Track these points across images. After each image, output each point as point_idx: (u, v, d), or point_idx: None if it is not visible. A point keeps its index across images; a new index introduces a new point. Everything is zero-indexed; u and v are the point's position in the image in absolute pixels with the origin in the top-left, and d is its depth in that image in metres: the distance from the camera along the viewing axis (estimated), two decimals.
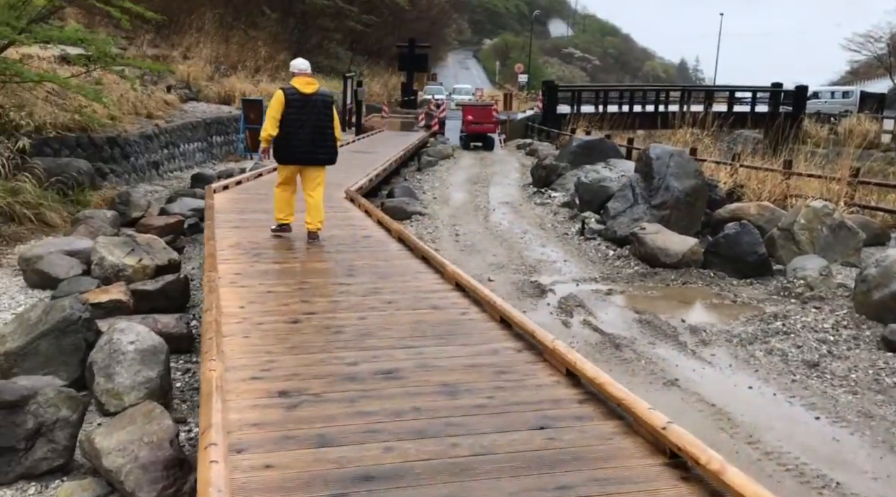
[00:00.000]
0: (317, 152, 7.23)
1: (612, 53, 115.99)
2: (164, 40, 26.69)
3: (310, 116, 7.04)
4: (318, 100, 7.12)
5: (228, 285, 5.56)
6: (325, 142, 7.22)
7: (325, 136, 7.21)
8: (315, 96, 7.10)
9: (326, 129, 7.20)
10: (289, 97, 6.99)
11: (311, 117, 7.05)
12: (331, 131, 7.26)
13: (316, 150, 7.21)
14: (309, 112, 7.04)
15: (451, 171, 18.27)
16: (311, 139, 7.11)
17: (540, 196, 14.08)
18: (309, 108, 7.04)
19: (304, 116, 7.01)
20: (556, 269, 9.03)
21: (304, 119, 7.01)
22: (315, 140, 7.13)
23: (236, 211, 8.97)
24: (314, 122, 7.08)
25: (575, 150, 16.25)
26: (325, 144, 7.24)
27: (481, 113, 24.99)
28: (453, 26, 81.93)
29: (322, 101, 7.17)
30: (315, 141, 7.14)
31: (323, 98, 7.20)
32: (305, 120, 7.02)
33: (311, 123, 7.07)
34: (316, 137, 7.12)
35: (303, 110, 7.01)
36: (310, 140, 7.11)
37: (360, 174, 13.00)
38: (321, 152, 7.26)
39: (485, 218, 12.23)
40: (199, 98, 22.19)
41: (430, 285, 5.78)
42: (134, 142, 14.47)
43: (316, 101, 7.10)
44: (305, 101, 7.03)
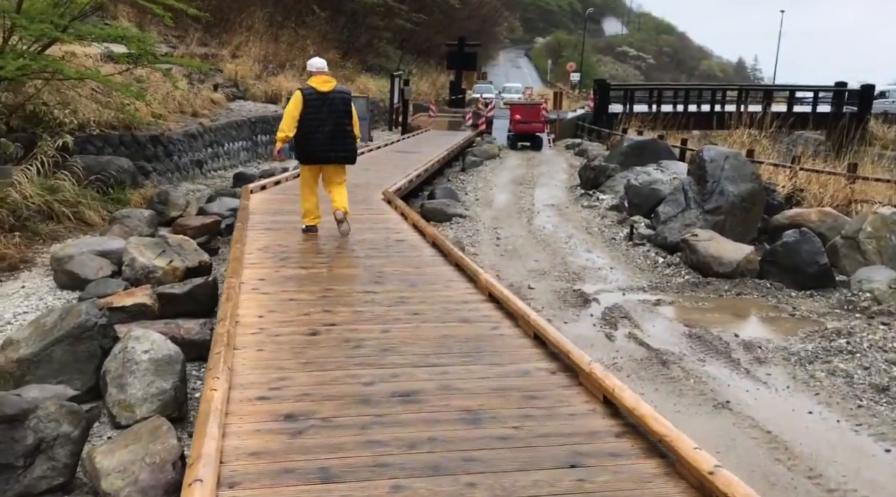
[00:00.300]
0: (336, 151, 7.15)
1: (668, 52, 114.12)
2: (214, 39, 26.86)
3: (329, 115, 6.98)
4: (336, 97, 7.04)
5: (250, 292, 5.30)
6: (343, 140, 7.13)
7: (345, 134, 7.11)
8: (333, 94, 7.03)
9: (345, 127, 7.10)
10: (307, 96, 6.94)
11: (329, 116, 6.99)
12: (350, 129, 7.16)
13: (335, 149, 7.13)
14: (328, 110, 6.97)
15: (496, 171, 17.88)
16: (330, 138, 7.04)
17: (587, 198, 13.60)
18: (327, 106, 6.97)
19: (323, 115, 6.95)
20: (601, 276, 8.59)
21: (323, 118, 6.96)
22: (334, 138, 7.06)
23: (270, 212, 8.75)
24: (333, 121, 7.01)
25: (625, 150, 15.70)
26: (343, 142, 7.14)
27: (529, 112, 24.51)
28: (505, 24, 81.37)
29: (341, 99, 7.08)
30: (334, 139, 7.06)
31: (341, 96, 7.11)
32: (324, 118, 6.96)
33: (330, 122, 7.01)
34: (335, 136, 7.05)
35: (321, 109, 6.94)
36: (329, 139, 7.04)
37: (400, 175, 12.71)
38: (340, 150, 7.17)
39: (528, 221, 11.82)
40: (247, 97, 22.23)
41: (461, 295, 5.43)
42: (177, 140, 14.45)
43: (334, 99, 7.02)
44: (323, 99, 6.96)
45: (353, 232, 7.61)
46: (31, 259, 8.45)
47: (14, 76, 9.63)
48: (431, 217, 11.37)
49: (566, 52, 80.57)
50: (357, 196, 10.27)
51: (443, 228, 10.79)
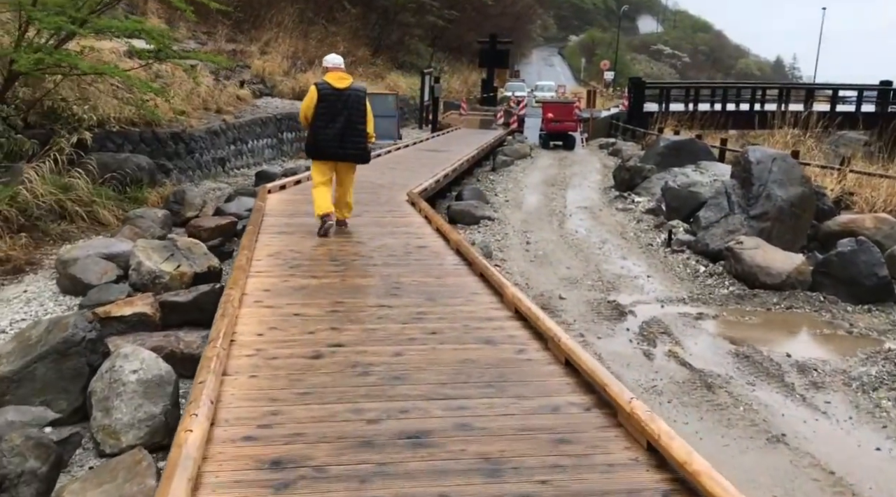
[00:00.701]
0: (346, 148, 7.05)
1: (704, 50, 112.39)
2: (243, 35, 26.63)
3: (342, 111, 6.88)
4: (350, 94, 6.93)
5: (252, 305, 4.83)
6: (355, 138, 7.03)
7: (356, 132, 7.02)
8: (348, 91, 6.93)
9: (358, 125, 7.01)
10: (321, 92, 6.86)
11: (343, 112, 6.90)
12: (362, 127, 7.06)
13: (346, 146, 7.03)
14: (341, 107, 6.87)
15: (527, 171, 17.30)
16: (342, 135, 6.95)
17: (622, 201, 12.97)
18: (341, 103, 6.88)
19: (336, 111, 6.86)
20: (637, 286, 8.00)
21: (336, 114, 6.87)
22: (345, 136, 6.96)
23: (286, 214, 8.29)
24: (346, 118, 6.92)
25: (662, 150, 15.04)
26: (355, 140, 7.05)
27: (562, 110, 23.86)
28: (538, 22, 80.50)
29: (356, 97, 6.98)
30: (345, 137, 6.97)
31: (356, 93, 7.00)
32: (337, 115, 6.87)
33: (343, 119, 6.91)
34: (347, 133, 6.96)
35: (335, 105, 6.86)
36: (340, 136, 6.94)
37: (427, 175, 12.20)
38: (350, 148, 7.06)
39: (560, 224, 11.24)
40: (274, 93, 21.91)
41: (484, 311, 4.90)
42: (199, 137, 14.11)
43: (349, 95, 6.92)
44: (338, 95, 6.87)
45: (371, 237, 7.16)
46: (38, 261, 8.10)
47: (28, 71, 9.30)
48: (458, 219, 10.87)
49: (600, 51, 79.57)
50: (380, 197, 9.81)
51: (470, 232, 10.28)
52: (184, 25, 24.79)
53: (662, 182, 13.17)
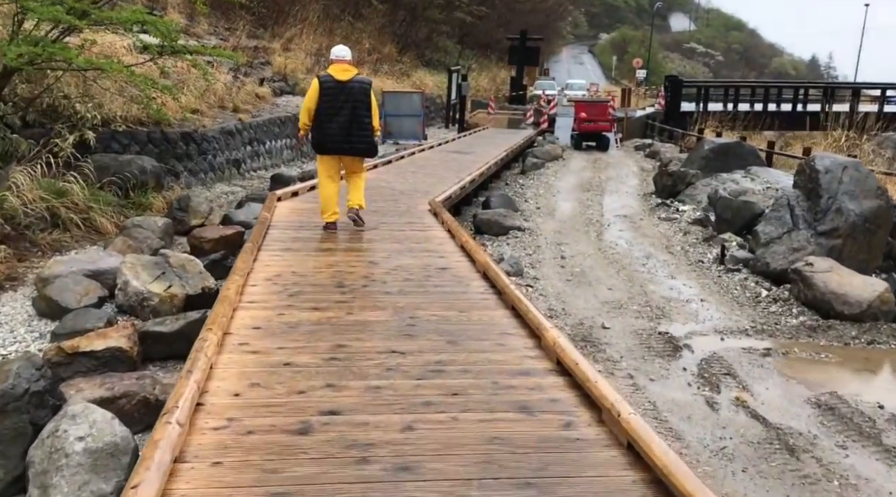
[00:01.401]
0: (351, 141, 6.86)
1: (737, 49, 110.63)
2: (265, 31, 25.93)
3: (345, 104, 6.70)
4: (354, 87, 6.73)
5: (235, 349, 3.95)
6: (360, 131, 6.84)
7: (361, 125, 6.83)
8: (351, 83, 6.72)
9: (363, 118, 6.82)
10: (323, 85, 6.72)
11: (346, 105, 6.71)
12: (367, 120, 6.88)
13: (350, 139, 6.85)
14: (344, 100, 6.69)
15: (559, 174, 16.30)
16: (346, 128, 6.78)
17: (665, 209, 11.93)
18: (344, 95, 6.69)
19: (339, 104, 6.69)
20: (691, 312, 7.01)
21: (339, 107, 6.69)
22: (350, 129, 6.80)
23: (295, 226, 7.42)
24: (349, 111, 6.74)
25: (706, 154, 13.96)
26: (360, 133, 6.85)
27: (596, 110, 22.79)
28: (569, 19, 79.26)
29: (359, 89, 6.76)
30: (350, 130, 6.81)
31: (360, 85, 6.79)
32: (340, 108, 6.70)
33: (347, 112, 6.73)
34: (351, 126, 6.79)
35: (338, 98, 6.68)
36: (344, 129, 6.78)
37: (452, 179, 11.29)
38: (356, 141, 6.87)
39: (597, 236, 10.26)
40: (295, 92, 21.10)
41: (518, 360, 3.96)
42: (212, 138, 13.32)
43: (352, 88, 6.71)
44: (341, 88, 6.68)
45: (387, 255, 6.27)
46: (20, 276, 7.31)
47: (17, 65, 8.53)
48: (486, 229, 9.94)
49: (631, 48, 78.25)
50: (400, 205, 8.92)
51: (498, 244, 9.34)
52: (205, 20, 24.15)
53: (709, 189, 12.14)
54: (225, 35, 23.19)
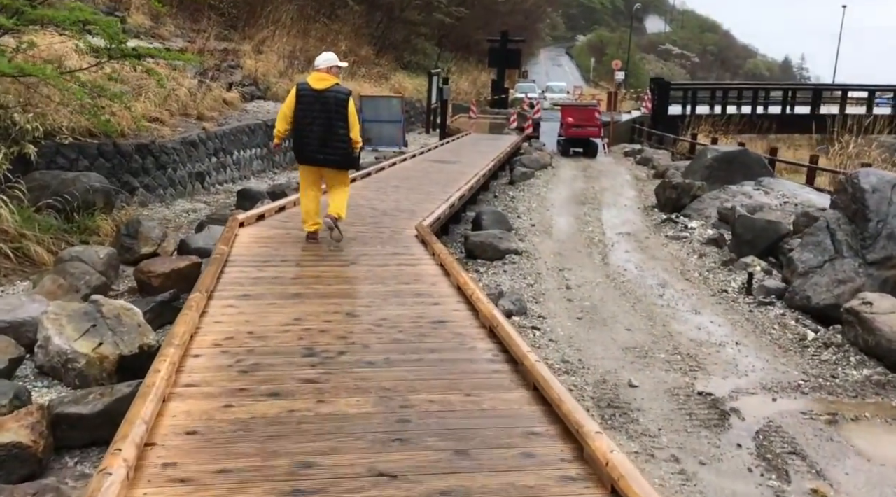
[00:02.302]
0: (326, 153, 6.66)
1: (712, 50, 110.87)
2: (237, 32, 24.66)
3: (320, 114, 6.53)
4: (329, 97, 6.51)
5: (156, 478, 2.79)
6: (334, 142, 6.61)
7: (336, 137, 6.60)
8: (328, 93, 6.51)
9: (338, 130, 6.58)
10: (300, 92, 6.57)
11: (321, 115, 6.54)
12: (343, 131, 6.61)
13: (325, 151, 6.65)
14: (319, 109, 6.52)
15: (550, 184, 15.23)
16: (321, 139, 6.60)
17: (672, 226, 10.89)
18: (319, 105, 6.51)
19: (315, 113, 6.53)
20: (727, 360, 5.94)
21: (315, 116, 6.54)
22: (325, 140, 6.60)
23: (258, 261, 6.25)
24: (324, 121, 6.55)
25: (710, 163, 12.98)
26: (334, 145, 6.62)
27: (583, 114, 21.77)
28: (547, 21, 78.45)
29: (334, 99, 6.52)
30: (325, 141, 6.60)
31: (335, 95, 6.54)
32: (315, 117, 6.54)
33: (321, 121, 6.55)
34: (326, 137, 6.59)
35: (312, 107, 6.53)
36: (319, 139, 6.60)
37: (438, 195, 10.18)
38: (330, 153, 6.66)
39: (602, 259, 9.19)
40: (267, 96, 19.90)
41: (560, 485, 2.84)
42: (172, 149, 12.08)
43: (327, 98, 6.51)
44: (316, 97, 6.51)
45: (370, 301, 5.14)
46: None
47: None
48: (479, 253, 8.84)
49: (609, 50, 77.85)
50: (382, 230, 7.79)
51: (494, 271, 8.24)
52: (171, 21, 22.86)
53: (717, 203, 11.14)
54: (192, 37, 21.89)
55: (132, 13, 20.86)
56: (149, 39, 20.38)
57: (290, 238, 7.18)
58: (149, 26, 21.32)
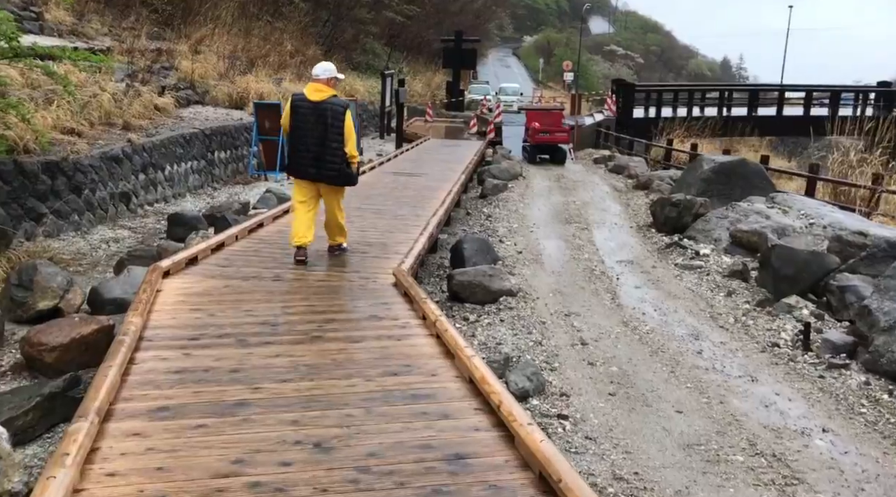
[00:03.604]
0: (320, 168, 6.35)
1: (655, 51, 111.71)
2: (172, 31, 22.56)
3: (315, 127, 6.23)
4: (325, 109, 6.21)
5: None
6: (330, 156, 6.29)
7: (331, 151, 6.27)
8: (323, 104, 6.22)
9: (331, 143, 6.25)
10: (295, 104, 6.34)
11: (316, 127, 6.24)
12: (336, 145, 6.27)
13: (319, 165, 6.34)
14: (314, 122, 6.22)
15: (526, 198, 13.72)
16: (314, 153, 6.29)
17: (679, 252, 9.44)
18: (314, 117, 6.22)
19: (309, 126, 6.24)
20: (824, 461, 4.45)
21: (309, 129, 6.25)
22: (318, 154, 6.29)
23: (185, 337, 4.52)
24: (319, 134, 6.25)
25: (707, 176, 11.65)
26: (330, 159, 6.30)
27: (549, 119, 20.35)
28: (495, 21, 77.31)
29: (330, 111, 6.22)
30: (317, 155, 6.30)
31: (332, 107, 6.24)
32: (310, 130, 6.25)
33: (316, 134, 6.25)
34: (320, 151, 6.28)
35: (307, 119, 6.24)
36: (313, 153, 6.29)
37: (410, 221, 8.58)
38: (322, 168, 6.34)
39: (612, 298, 7.68)
40: (206, 101, 17.96)
41: None
42: (90, 167, 10.18)
43: (324, 109, 6.21)
44: (311, 109, 6.23)
45: (350, 425, 3.43)
46: None
47: None
48: (467, 296, 7.26)
49: (558, 51, 77.35)
50: (350, 275, 6.16)
51: (490, 322, 6.66)
52: (97, 19, 20.72)
53: (725, 222, 9.79)
54: (121, 35, 19.79)
55: (50, 9, 18.70)
56: (70, 38, 18.31)
57: (231, 294, 5.48)
58: (70, 23, 19.15)
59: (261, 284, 5.81)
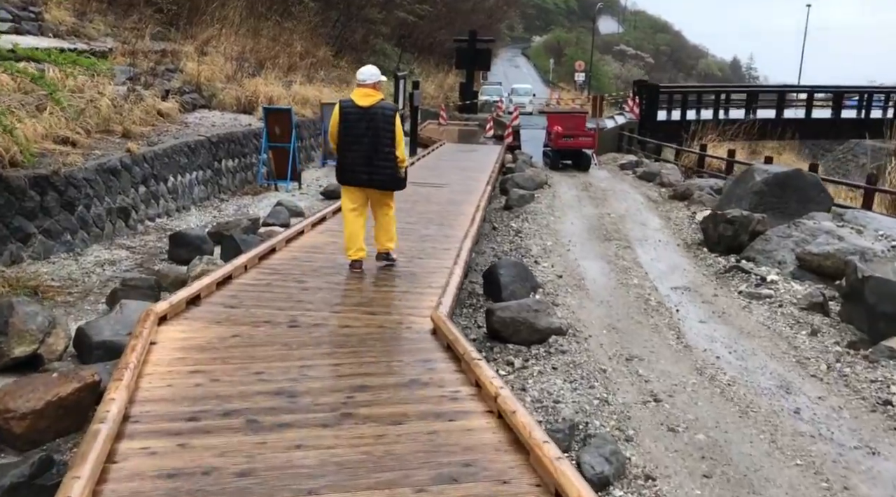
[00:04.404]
0: (372, 173, 6.17)
1: (665, 51, 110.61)
2: (178, 31, 21.65)
3: (367, 132, 6.07)
4: (376, 113, 6.06)
5: None
6: (382, 161, 6.12)
7: (383, 155, 6.10)
8: (374, 109, 6.07)
9: (384, 148, 6.10)
10: (344, 110, 6.16)
11: (367, 133, 6.08)
12: (388, 150, 6.12)
13: (371, 171, 6.16)
14: (366, 127, 6.06)
15: (555, 211, 12.72)
16: (366, 158, 6.13)
17: (742, 277, 8.42)
18: (365, 122, 6.06)
19: (360, 131, 6.08)
20: None
21: (360, 135, 6.09)
22: (370, 159, 6.13)
23: (182, 418, 3.55)
24: (370, 139, 6.08)
25: (759, 188, 10.62)
26: (382, 164, 6.13)
27: (573, 123, 19.33)
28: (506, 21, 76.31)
29: (381, 116, 6.07)
30: (370, 160, 6.14)
31: (383, 112, 6.09)
32: (361, 136, 6.09)
33: (368, 140, 6.09)
34: (371, 156, 6.12)
35: (358, 125, 6.08)
36: (364, 159, 6.13)
37: (439, 242, 7.61)
38: (376, 174, 6.17)
39: (677, 336, 6.68)
40: (212, 105, 17.03)
41: None
42: (84, 181, 9.24)
43: (374, 114, 6.06)
44: (362, 114, 6.08)
45: None
46: None
47: None
48: (510, 335, 6.28)
49: (569, 51, 76.28)
50: (376, 315, 5.20)
51: (540, 369, 5.67)
52: (100, 19, 19.82)
53: (789, 242, 8.81)
54: (125, 36, 18.88)
55: (51, 8, 17.81)
56: (71, 39, 17.42)
57: (239, 347, 4.51)
58: (71, 24, 18.24)
59: (275, 333, 4.84)
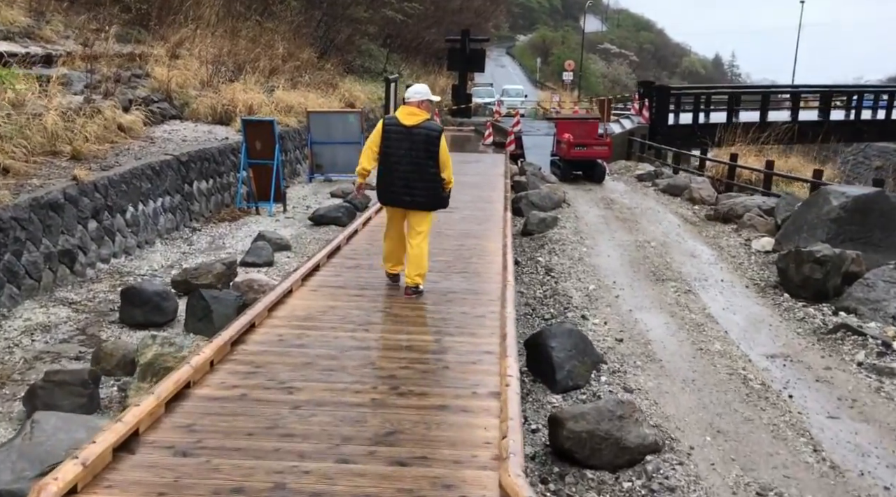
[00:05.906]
0: (413, 194, 6.07)
1: (649, 49, 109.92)
2: (148, 33, 19.65)
3: (409, 152, 5.98)
4: (419, 133, 5.98)
5: None
6: (424, 182, 6.03)
7: (425, 177, 6.02)
8: (417, 129, 5.98)
9: (428, 169, 6.00)
10: (386, 128, 6.08)
11: (409, 153, 5.98)
12: (432, 171, 6.02)
13: (412, 192, 6.07)
14: (409, 147, 5.98)
15: (584, 237, 10.91)
16: (408, 178, 6.01)
17: (854, 341, 6.60)
18: (409, 142, 5.98)
19: (402, 151, 5.99)
20: None
21: (402, 154, 5.99)
22: (412, 179, 6.01)
23: None
24: (412, 159, 5.97)
25: (838, 214, 8.88)
26: (423, 185, 6.03)
27: (584, 130, 17.58)
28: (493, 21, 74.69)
29: (424, 136, 5.98)
30: (411, 181, 6.01)
31: (426, 132, 5.99)
32: (403, 155, 5.99)
33: (409, 160, 5.98)
34: (413, 177, 6.00)
35: (401, 145, 6.00)
36: (406, 179, 6.02)
37: (469, 307, 5.78)
38: (417, 194, 6.07)
39: (807, 443, 4.88)
40: (185, 116, 15.10)
41: None
42: (12, 221, 7.31)
43: (417, 134, 5.98)
44: (406, 134, 5.99)
45: None
46: None
47: None
48: (587, 458, 4.48)
49: (555, 50, 75.04)
50: (403, 470, 3.33)
51: None
52: (59, 19, 17.78)
53: (891, 287, 6.99)
54: (88, 38, 16.88)
55: (1, 7, 15.81)
56: (24, 42, 15.45)
57: None
58: (25, 25, 16.23)
59: None
